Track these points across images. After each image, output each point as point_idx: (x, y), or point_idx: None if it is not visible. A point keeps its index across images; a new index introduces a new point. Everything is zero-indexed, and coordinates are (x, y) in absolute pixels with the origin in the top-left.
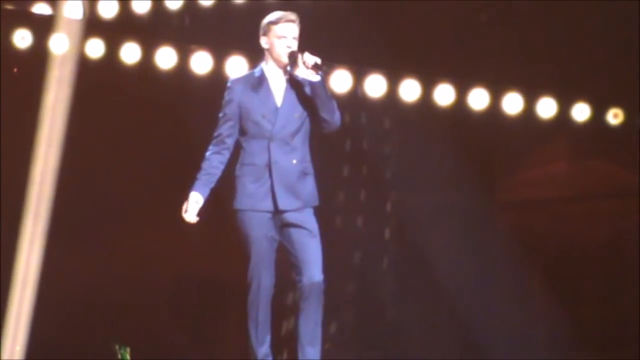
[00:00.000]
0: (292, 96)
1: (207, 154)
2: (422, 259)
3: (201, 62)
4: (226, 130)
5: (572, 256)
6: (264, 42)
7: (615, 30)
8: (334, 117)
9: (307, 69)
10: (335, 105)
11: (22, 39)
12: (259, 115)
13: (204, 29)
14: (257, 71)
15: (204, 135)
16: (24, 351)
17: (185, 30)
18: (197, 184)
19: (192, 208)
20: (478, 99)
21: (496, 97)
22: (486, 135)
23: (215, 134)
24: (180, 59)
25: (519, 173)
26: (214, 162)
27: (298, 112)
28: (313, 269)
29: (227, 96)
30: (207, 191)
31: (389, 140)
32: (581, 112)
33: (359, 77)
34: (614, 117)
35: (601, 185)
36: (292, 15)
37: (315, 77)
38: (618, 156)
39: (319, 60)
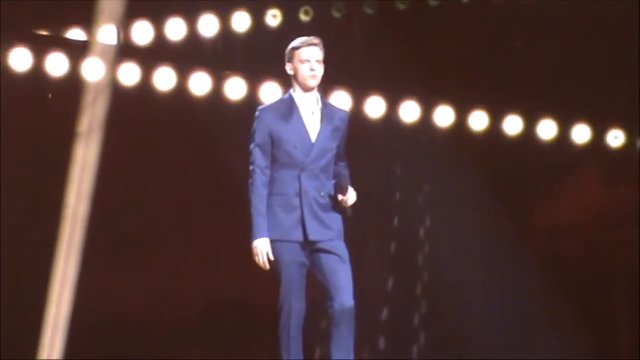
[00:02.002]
0: (326, 130)
1: (258, 192)
2: (454, 284)
3: (235, 88)
4: (264, 162)
5: (604, 282)
6: (289, 68)
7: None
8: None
9: (341, 199)
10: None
11: (56, 65)
12: (292, 145)
13: (238, 55)
14: (286, 98)
15: (238, 161)
16: None
17: (219, 56)
18: (261, 226)
19: (267, 257)
20: (512, 125)
21: (530, 124)
22: (520, 161)
23: (253, 167)
24: (215, 85)
25: (551, 199)
26: (265, 199)
27: (329, 146)
28: (344, 295)
29: (258, 126)
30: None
31: (422, 166)
32: (615, 138)
33: (393, 104)
34: None
35: (634, 212)
36: (315, 40)
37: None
38: None
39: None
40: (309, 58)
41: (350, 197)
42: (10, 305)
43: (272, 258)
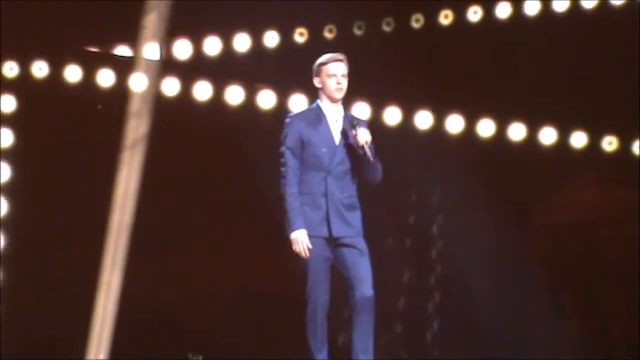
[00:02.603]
0: (348, 134)
1: (291, 190)
2: (464, 276)
3: (266, 99)
4: (294, 163)
5: (599, 274)
6: (316, 82)
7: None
8: (375, 178)
9: (357, 144)
10: (379, 167)
11: (105, 78)
12: (320, 149)
13: (269, 69)
14: (313, 108)
15: (268, 164)
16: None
17: (252, 70)
18: (298, 221)
19: (305, 246)
20: (516, 132)
21: (533, 131)
22: (523, 165)
23: (286, 168)
24: (247, 96)
25: (552, 199)
26: (297, 196)
27: (353, 149)
28: (364, 285)
29: (288, 131)
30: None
31: (435, 169)
32: (609, 144)
33: (408, 113)
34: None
35: (626, 210)
36: (340, 56)
37: (359, 152)
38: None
39: (369, 140)
40: (335, 72)
41: (361, 133)
42: (60, 306)
43: (310, 246)
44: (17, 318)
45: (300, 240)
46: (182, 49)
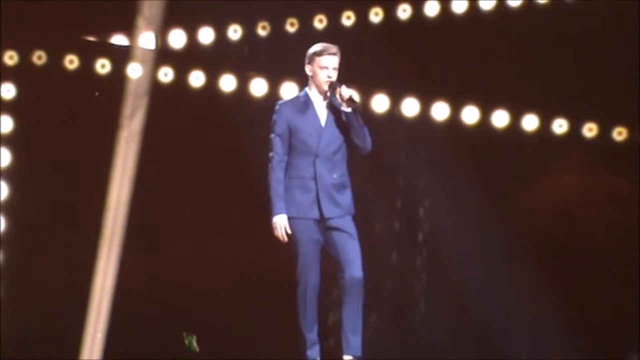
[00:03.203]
0: (333, 119)
1: (276, 175)
2: (450, 258)
3: (258, 87)
4: (282, 149)
5: (581, 255)
6: (308, 69)
7: (619, 57)
8: (364, 143)
9: (342, 101)
10: (367, 132)
11: (102, 66)
12: (307, 134)
13: (260, 58)
14: (302, 95)
15: (259, 149)
16: (104, 337)
17: (244, 59)
18: (279, 205)
19: (284, 230)
20: (500, 119)
21: (516, 117)
22: (506, 150)
23: (272, 154)
24: (240, 84)
25: (535, 183)
26: (282, 182)
27: (338, 134)
28: (354, 267)
29: (277, 118)
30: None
31: (421, 155)
32: (590, 130)
33: (396, 100)
34: (619, 134)
35: (606, 193)
36: (333, 49)
37: (348, 109)
38: (620, 168)
39: (354, 95)
40: (327, 65)
41: (343, 90)
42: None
43: (289, 232)
44: (16, 299)
45: (280, 224)
46: (177, 38)
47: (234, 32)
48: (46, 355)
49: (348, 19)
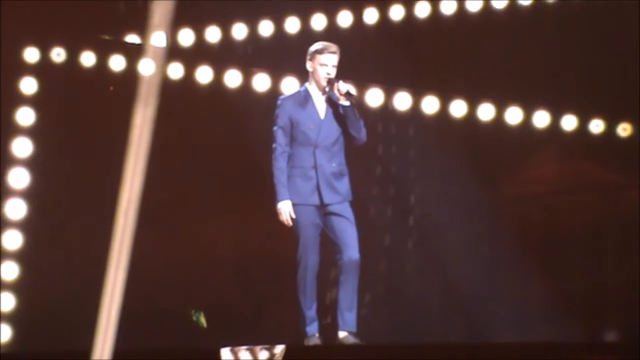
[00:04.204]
0: (331, 112)
1: (279, 164)
2: (439, 241)
3: (261, 82)
4: (284, 140)
5: (561, 240)
6: (308, 66)
7: (597, 51)
8: (360, 134)
9: (339, 95)
10: (363, 125)
11: (117, 63)
12: (307, 126)
13: (263, 54)
14: (302, 90)
15: (262, 140)
16: (118, 314)
17: (248, 56)
18: (283, 192)
19: (289, 215)
20: (485, 112)
21: (500, 111)
22: (491, 142)
23: (275, 145)
24: (244, 80)
25: (518, 173)
26: (285, 170)
27: (336, 125)
28: (351, 249)
29: (279, 112)
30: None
31: (413, 146)
32: (569, 123)
33: (389, 94)
34: (597, 127)
35: (584, 182)
36: (333, 47)
37: (345, 103)
38: (599, 158)
39: (351, 89)
40: (327, 63)
41: (341, 85)
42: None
43: (294, 216)
44: (36, 282)
45: (284, 210)
46: (186, 37)
47: (239, 31)
48: (62, 335)
49: (345, 18)
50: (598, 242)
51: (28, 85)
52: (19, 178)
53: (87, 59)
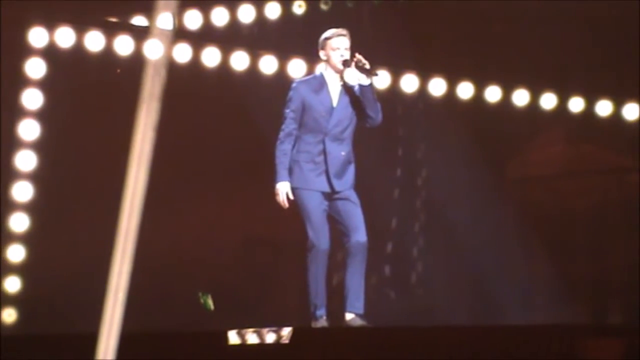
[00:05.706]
0: (345, 100)
1: (283, 147)
2: (445, 223)
3: (268, 64)
4: (293, 125)
5: (565, 221)
6: (322, 54)
7: (594, 36)
8: (377, 116)
9: (360, 72)
10: (380, 107)
11: (123, 45)
12: (318, 113)
13: (270, 36)
14: (318, 76)
15: (269, 123)
16: (125, 296)
17: (255, 38)
18: (283, 174)
19: (286, 196)
20: (492, 94)
21: (507, 93)
22: (498, 124)
23: (284, 127)
24: (252, 62)
25: (524, 154)
26: (289, 154)
27: (348, 114)
28: (358, 232)
29: (292, 95)
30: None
31: (419, 128)
32: (576, 105)
33: (396, 76)
34: (603, 109)
35: (589, 164)
36: (343, 31)
37: (366, 81)
38: (603, 141)
39: (367, 65)
40: (339, 46)
41: (359, 57)
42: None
43: (291, 197)
44: (42, 264)
45: (282, 191)
46: (193, 19)
47: (246, 12)
48: (68, 318)
49: (351, 0)
50: (604, 224)
51: (36, 68)
52: (26, 160)
53: (95, 40)
